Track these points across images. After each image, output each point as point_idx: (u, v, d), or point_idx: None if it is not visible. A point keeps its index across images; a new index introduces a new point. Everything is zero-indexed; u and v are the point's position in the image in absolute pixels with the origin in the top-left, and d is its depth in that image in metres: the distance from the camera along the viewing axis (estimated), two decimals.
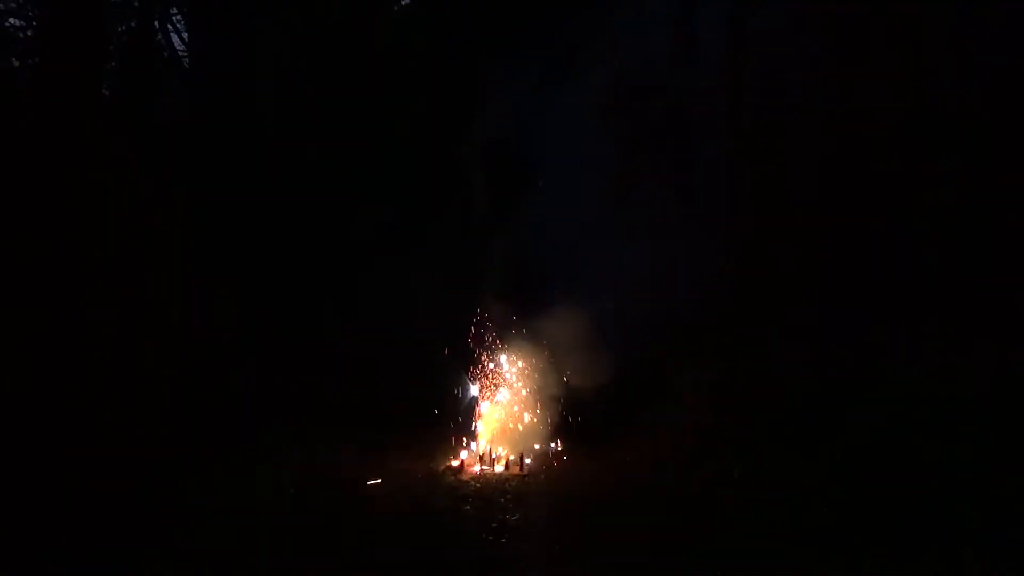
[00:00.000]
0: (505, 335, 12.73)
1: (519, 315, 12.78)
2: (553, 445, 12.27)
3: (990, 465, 6.30)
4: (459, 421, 12.39)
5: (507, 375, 12.52)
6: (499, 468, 11.49)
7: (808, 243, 9.88)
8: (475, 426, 12.22)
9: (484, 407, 12.29)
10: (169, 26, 16.81)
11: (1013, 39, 8.60)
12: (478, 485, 10.69)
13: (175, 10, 16.79)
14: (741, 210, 10.38)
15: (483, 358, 12.64)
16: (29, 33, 12.85)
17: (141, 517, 8.15)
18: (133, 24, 16.33)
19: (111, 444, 8.75)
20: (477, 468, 11.47)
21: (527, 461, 11.63)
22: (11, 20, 12.92)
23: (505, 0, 16.82)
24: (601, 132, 12.17)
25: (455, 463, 11.57)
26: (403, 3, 21.55)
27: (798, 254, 9.94)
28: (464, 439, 12.16)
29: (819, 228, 9.82)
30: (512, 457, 11.69)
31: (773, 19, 10.68)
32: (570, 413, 12.59)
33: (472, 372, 12.58)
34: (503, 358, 12.62)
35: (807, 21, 10.08)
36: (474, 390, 12.51)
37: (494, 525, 8.97)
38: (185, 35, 16.91)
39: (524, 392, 12.49)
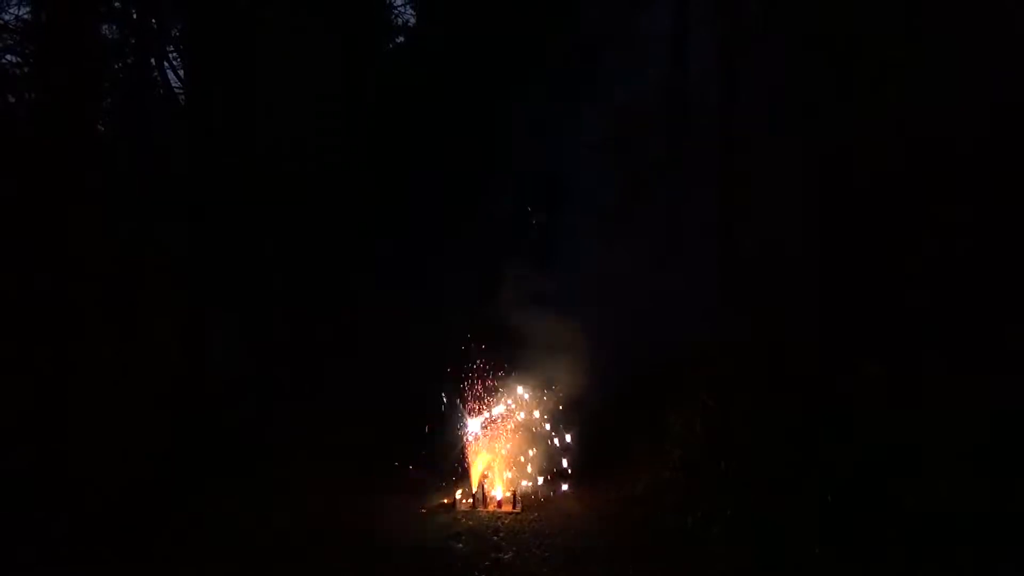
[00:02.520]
0: (499, 374, 12.69)
1: (513, 353, 12.76)
2: (546, 482, 12.21)
3: (979, 505, 6.30)
4: (451, 459, 12.34)
5: (500, 413, 12.46)
6: (491, 506, 11.42)
7: (798, 280, 9.92)
8: (467, 464, 12.16)
9: (476, 445, 12.22)
10: (165, 63, 16.97)
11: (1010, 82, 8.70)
12: (470, 523, 10.63)
13: (171, 48, 16.95)
14: (733, 250, 10.42)
15: (476, 396, 12.59)
16: (26, 70, 12.94)
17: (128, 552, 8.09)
18: (129, 61, 16.46)
19: (101, 479, 8.69)
20: (469, 506, 11.39)
21: (519, 498, 11.58)
22: (8, 57, 13.02)
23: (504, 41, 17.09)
24: (600, 170, 12.28)
25: (447, 501, 11.51)
26: (398, 41, 21.85)
27: (789, 291, 9.98)
28: (456, 477, 12.11)
29: (811, 265, 9.87)
30: (504, 494, 11.62)
31: (764, 55, 10.78)
32: (563, 451, 12.55)
33: (465, 410, 12.53)
34: (496, 397, 12.57)
35: (797, 56, 10.17)
36: (467, 428, 12.45)
37: (487, 563, 8.92)
38: (181, 72, 17.07)
39: (517, 430, 12.44)
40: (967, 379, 7.45)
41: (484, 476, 11.96)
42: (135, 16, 16.64)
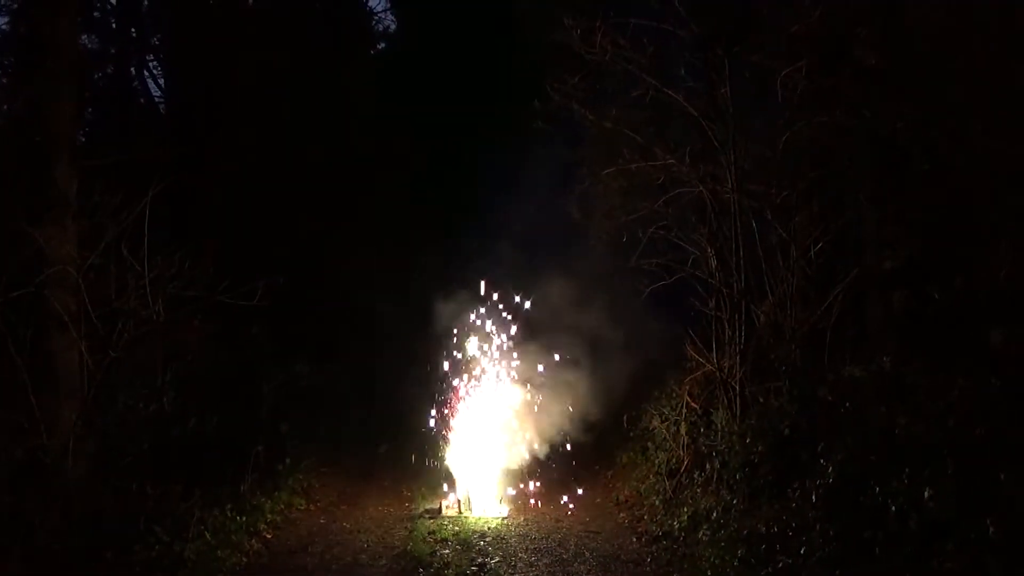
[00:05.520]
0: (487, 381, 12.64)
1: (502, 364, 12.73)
2: (533, 487, 12.21)
3: (966, 503, 6.34)
4: (437, 465, 12.33)
5: (487, 419, 12.42)
6: (478, 511, 11.42)
7: (787, 285, 9.98)
8: (454, 470, 12.15)
9: (463, 450, 12.20)
10: (145, 72, 16.96)
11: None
12: (456, 528, 10.64)
13: (151, 57, 16.95)
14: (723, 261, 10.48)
15: (462, 403, 12.56)
16: (5, 80, 12.90)
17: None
18: (110, 71, 16.44)
19: (85, 489, 8.64)
20: (456, 511, 11.39)
21: (505, 503, 11.61)
22: None
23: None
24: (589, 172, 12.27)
25: (434, 506, 11.51)
26: (380, 47, 21.90)
27: (778, 297, 10.04)
28: (443, 482, 12.11)
29: (799, 271, 9.93)
30: (491, 499, 11.62)
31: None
32: (550, 456, 12.56)
33: (451, 416, 12.52)
34: (483, 402, 12.53)
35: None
36: (453, 433, 12.43)
37: (473, 568, 8.93)
38: (162, 81, 17.07)
39: (504, 436, 12.42)
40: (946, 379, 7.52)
41: (471, 482, 11.92)
42: (115, 26, 16.64)
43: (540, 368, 12.66)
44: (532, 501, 11.79)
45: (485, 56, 18.04)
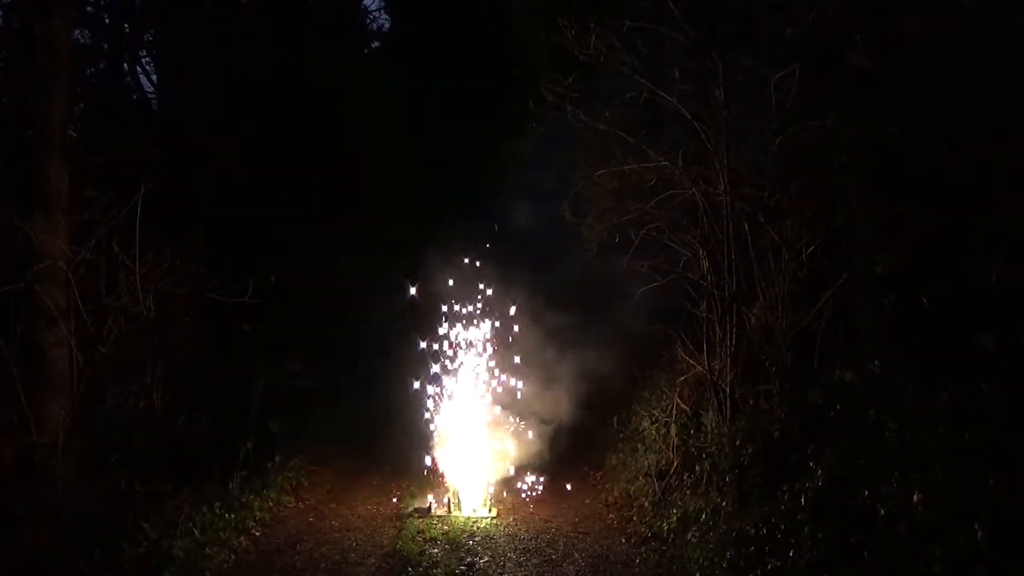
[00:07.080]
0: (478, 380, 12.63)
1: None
2: (522, 487, 12.22)
3: (955, 508, 6.35)
4: (427, 464, 12.32)
5: (477, 419, 12.42)
6: (467, 510, 11.42)
7: (778, 288, 9.98)
8: (443, 469, 12.14)
9: (453, 449, 12.19)
10: (138, 68, 16.93)
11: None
12: (445, 527, 10.64)
13: (144, 53, 16.91)
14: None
15: (452, 402, 12.55)
16: None
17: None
18: (102, 66, 16.40)
19: (73, 487, 8.61)
20: (445, 510, 11.39)
21: (494, 503, 11.60)
22: None
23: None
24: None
25: (423, 505, 11.50)
26: (374, 46, 21.91)
27: (770, 300, 10.04)
28: (432, 482, 12.09)
29: (790, 274, 9.94)
30: (480, 499, 11.62)
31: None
32: (539, 457, 12.56)
33: (441, 415, 12.50)
34: (473, 402, 12.52)
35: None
36: (443, 432, 12.41)
37: (462, 568, 8.93)
38: (154, 77, 17.03)
39: (493, 436, 12.42)
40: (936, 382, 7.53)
41: (460, 481, 11.91)
42: (107, 21, 16.60)
43: (532, 369, 12.69)
44: (522, 500, 11.78)
45: (479, 56, 18.06)
